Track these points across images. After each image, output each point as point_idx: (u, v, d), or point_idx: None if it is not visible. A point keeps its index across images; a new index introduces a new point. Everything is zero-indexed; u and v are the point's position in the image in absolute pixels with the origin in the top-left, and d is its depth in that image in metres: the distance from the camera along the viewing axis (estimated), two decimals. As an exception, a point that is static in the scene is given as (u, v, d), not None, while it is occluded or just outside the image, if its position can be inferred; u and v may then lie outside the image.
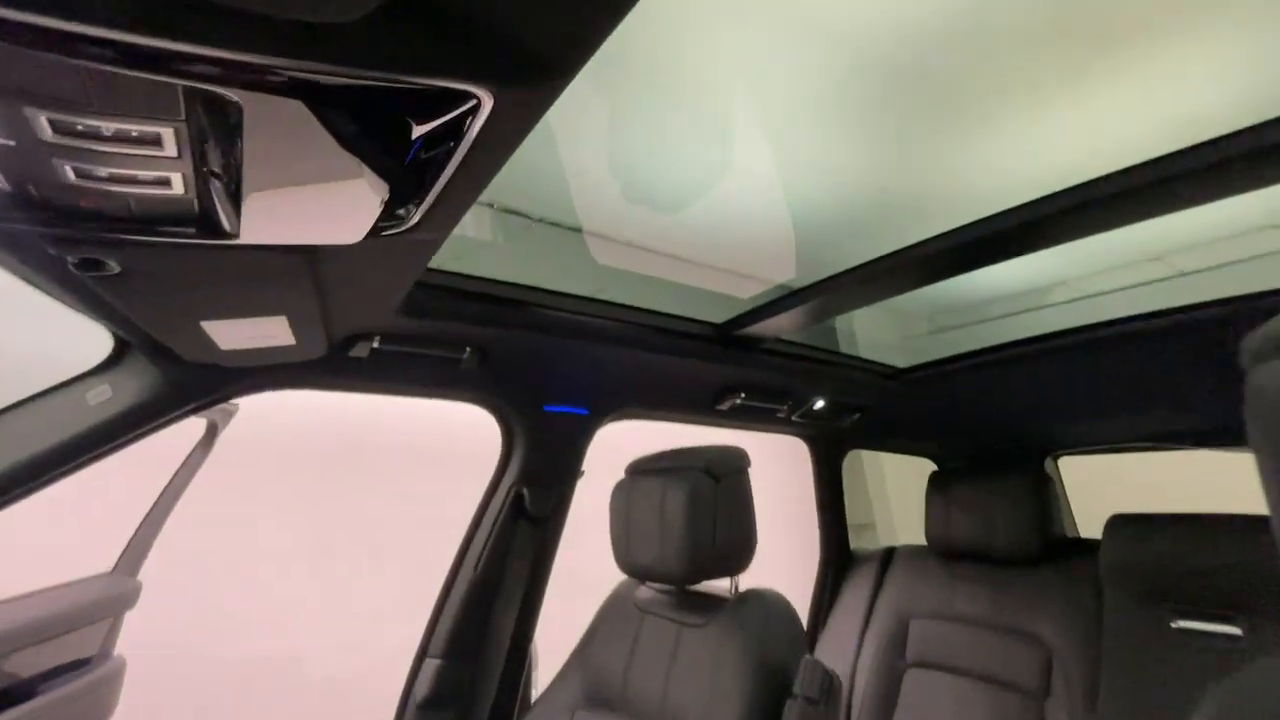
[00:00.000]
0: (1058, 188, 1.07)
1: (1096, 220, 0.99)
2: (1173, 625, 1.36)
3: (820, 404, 1.91)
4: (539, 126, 0.61)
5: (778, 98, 1.45)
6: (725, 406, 1.81)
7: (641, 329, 1.53)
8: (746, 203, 1.86)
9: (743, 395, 1.78)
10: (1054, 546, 1.74)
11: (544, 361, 1.50)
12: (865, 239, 1.53)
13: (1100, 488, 2.49)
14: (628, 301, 1.58)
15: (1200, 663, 1.31)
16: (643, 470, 1.50)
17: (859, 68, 1.37)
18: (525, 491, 1.65)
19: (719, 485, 1.35)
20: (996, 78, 1.40)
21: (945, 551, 1.92)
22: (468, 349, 1.39)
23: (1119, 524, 1.53)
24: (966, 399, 1.92)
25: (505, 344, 1.41)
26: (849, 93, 1.44)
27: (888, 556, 2.16)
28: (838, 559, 2.28)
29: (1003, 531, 1.76)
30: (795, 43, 1.30)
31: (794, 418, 1.97)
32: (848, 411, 2.02)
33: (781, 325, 1.53)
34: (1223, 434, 1.63)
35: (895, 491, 4.55)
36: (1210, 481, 3.44)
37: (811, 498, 2.36)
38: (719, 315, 1.68)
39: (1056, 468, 2.28)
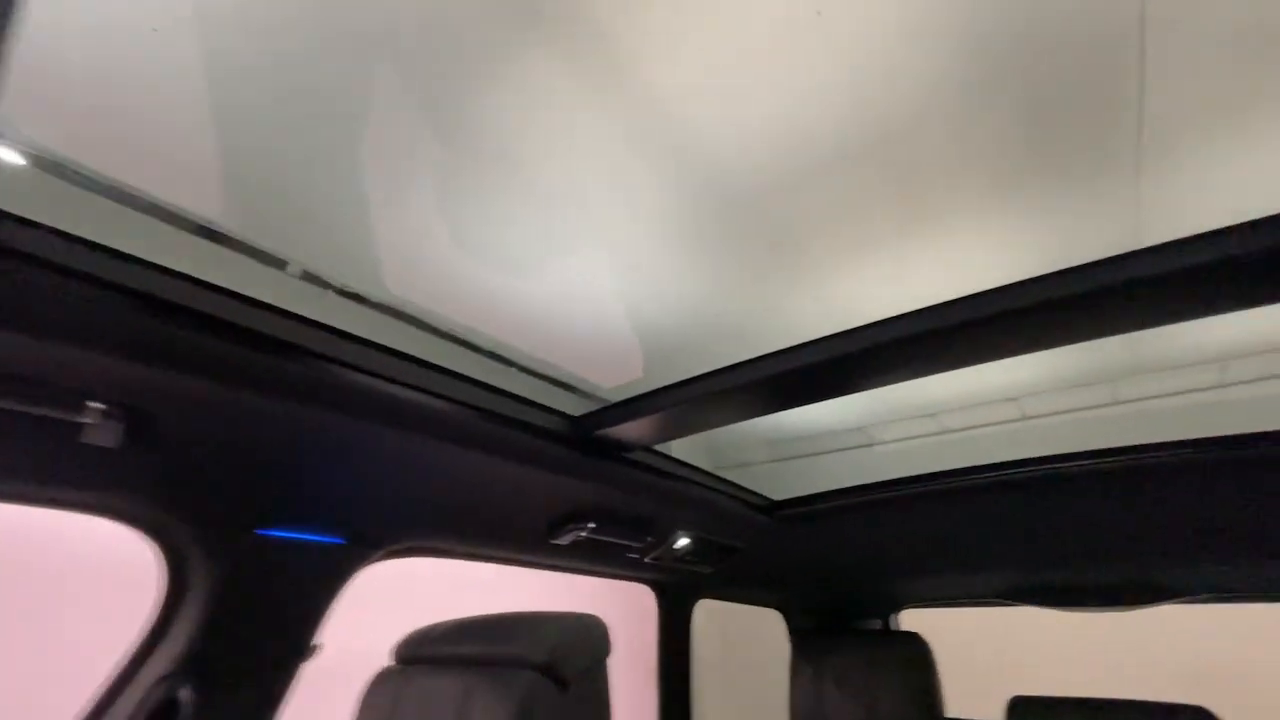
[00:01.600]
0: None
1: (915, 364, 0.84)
2: None
3: (684, 541, 1.44)
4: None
5: (622, 202, 1.52)
6: (566, 540, 1.25)
7: (452, 411, 0.91)
8: (584, 293, 1.87)
9: (592, 525, 1.25)
10: None
11: (265, 449, 0.84)
12: (707, 357, 1.26)
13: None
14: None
15: None
16: (425, 658, 0.87)
17: (703, 196, 1.47)
18: (185, 696, 0.83)
19: (566, 696, 0.78)
20: (831, 227, 1.56)
21: None
22: (99, 407, 0.70)
23: (1021, 707, 1.31)
24: (831, 543, 1.60)
25: (182, 407, 0.74)
26: (691, 214, 1.54)
27: None
28: None
29: (888, 715, 1.40)
30: (647, 157, 1.39)
31: (648, 558, 1.46)
32: (715, 552, 1.57)
33: (646, 431, 1.06)
34: (1072, 593, 1.46)
35: (700, 636, 4.11)
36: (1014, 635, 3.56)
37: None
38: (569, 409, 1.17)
39: (898, 624, 2.03)
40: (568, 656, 0.82)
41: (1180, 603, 1.33)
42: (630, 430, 1.00)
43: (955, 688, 1.93)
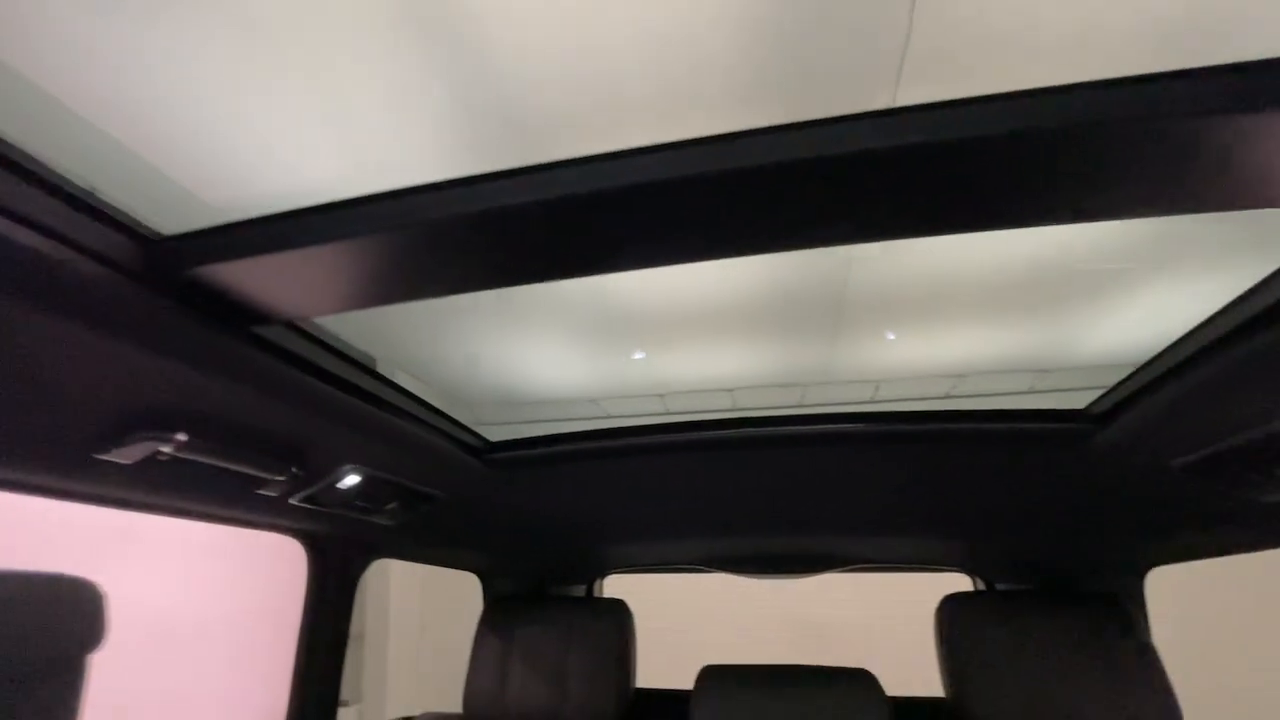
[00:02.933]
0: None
1: None
2: None
3: (351, 480, 0.98)
4: None
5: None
6: (129, 457, 0.70)
7: None
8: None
9: (183, 437, 0.72)
10: (633, 706, 1.30)
11: None
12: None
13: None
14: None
15: None
16: None
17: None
18: None
19: None
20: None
21: None
22: None
23: (711, 677, 1.23)
24: (543, 496, 1.29)
25: None
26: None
27: None
28: None
29: (575, 698, 1.23)
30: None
31: (295, 499, 0.97)
32: (402, 498, 1.08)
33: (286, 291, 0.60)
34: (763, 561, 1.48)
35: (399, 592, 3.53)
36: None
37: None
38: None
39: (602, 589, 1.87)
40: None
41: (844, 571, 1.44)
42: (253, 281, 0.55)
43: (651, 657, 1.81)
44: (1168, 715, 0.97)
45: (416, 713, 1.31)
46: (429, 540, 1.35)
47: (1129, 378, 0.66)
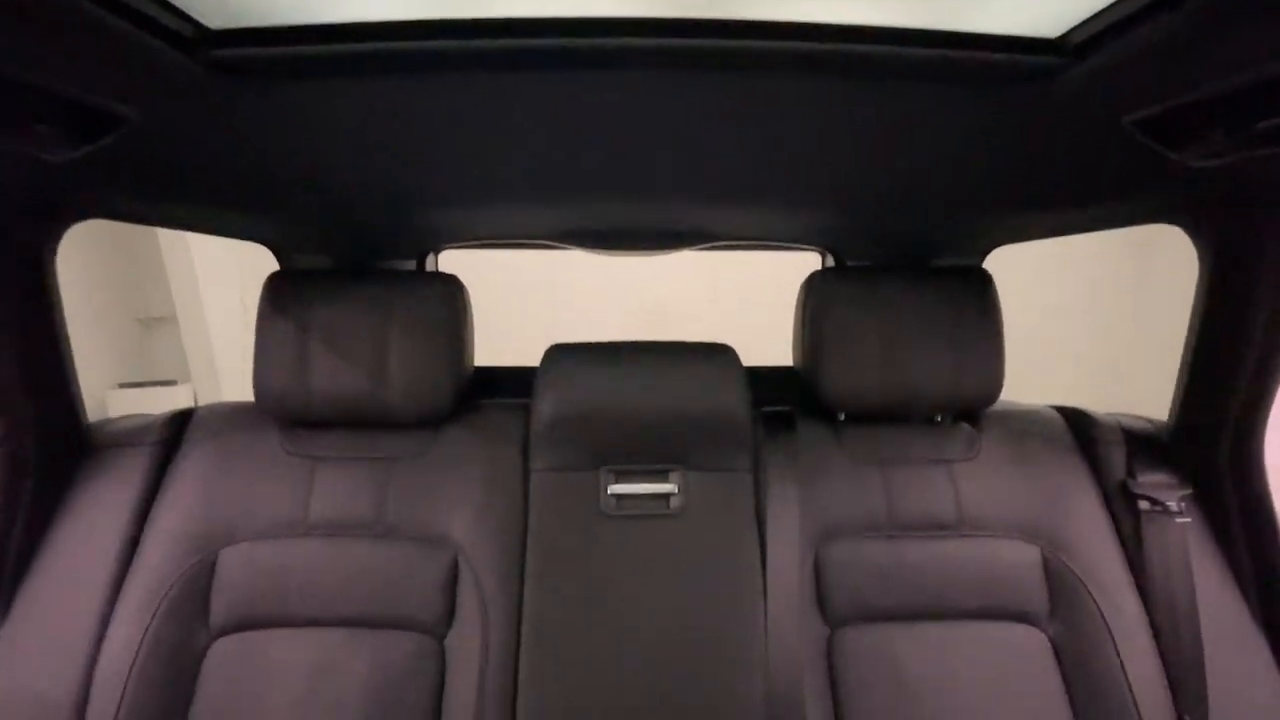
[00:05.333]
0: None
1: None
2: (609, 491, 1.05)
3: None
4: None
5: None
6: None
7: None
8: None
9: None
10: (465, 397, 1.13)
11: None
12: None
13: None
14: None
15: (635, 534, 1.04)
16: None
17: None
18: None
19: None
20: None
21: (291, 414, 1.07)
22: None
23: (559, 352, 1.11)
24: (309, 132, 0.59)
25: None
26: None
27: (177, 426, 1.09)
28: (57, 444, 1.01)
29: (400, 380, 1.03)
30: None
31: None
32: (81, 123, 0.65)
33: None
34: (617, 236, 1.24)
35: (206, 266, 3.09)
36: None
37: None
38: None
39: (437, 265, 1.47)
40: None
41: (698, 248, 1.30)
42: None
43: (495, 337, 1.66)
44: (994, 385, 1.07)
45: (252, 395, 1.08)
46: (150, 191, 0.91)
47: (1117, 3, 0.49)
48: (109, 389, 3.58)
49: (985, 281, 1.08)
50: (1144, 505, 1.00)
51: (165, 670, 0.91)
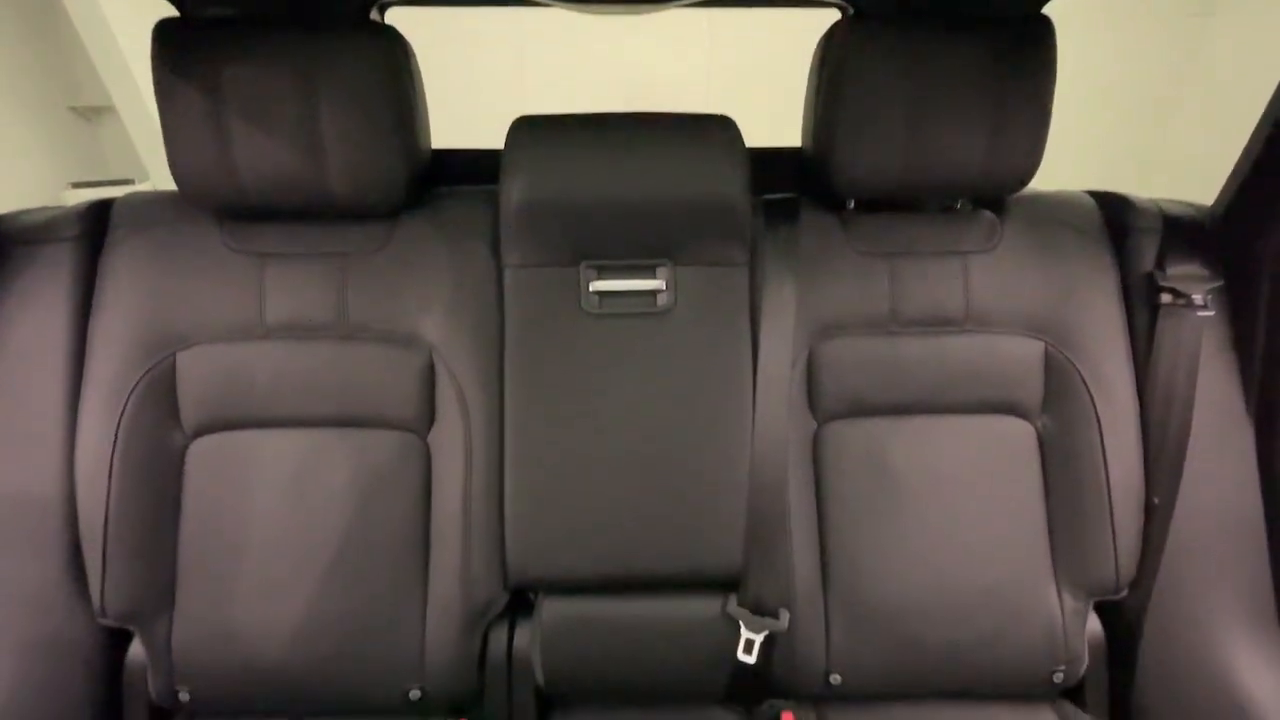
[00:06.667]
0: None
1: None
2: (591, 288, 0.96)
3: None
4: None
5: None
6: None
7: None
8: None
9: None
10: (422, 183, 1.00)
11: None
12: None
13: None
14: None
15: (619, 334, 0.97)
16: None
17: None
18: None
19: None
20: None
21: (221, 203, 0.94)
22: None
23: (523, 131, 0.95)
24: None
25: None
26: None
27: (96, 218, 0.95)
28: None
29: (339, 160, 0.87)
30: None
31: None
32: None
33: None
34: None
35: (135, 43, 2.69)
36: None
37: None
38: None
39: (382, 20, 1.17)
40: None
41: (690, 6, 1.08)
42: None
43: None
44: (1031, 164, 0.92)
45: None
46: None
47: None
48: (64, 189, 3.36)
49: (1043, 33, 0.88)
50: (1166, 299, 0.93)
51: (147, 466, 0.90)
